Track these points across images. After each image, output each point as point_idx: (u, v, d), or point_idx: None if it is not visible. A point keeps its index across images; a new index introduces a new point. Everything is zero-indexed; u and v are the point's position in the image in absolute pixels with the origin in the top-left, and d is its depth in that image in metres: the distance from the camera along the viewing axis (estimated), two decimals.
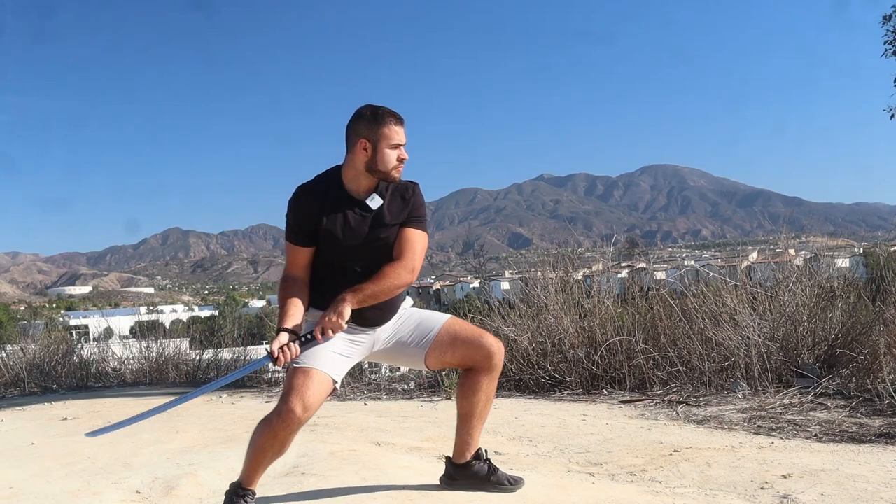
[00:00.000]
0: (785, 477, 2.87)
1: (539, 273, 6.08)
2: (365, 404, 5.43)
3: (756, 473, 2.95)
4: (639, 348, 5.16)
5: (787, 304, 5.05)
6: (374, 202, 2.49)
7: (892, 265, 5.37)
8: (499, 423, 4.17)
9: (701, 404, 4.46)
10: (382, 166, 2.46)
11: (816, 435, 3.59)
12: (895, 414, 3.84)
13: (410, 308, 2.70)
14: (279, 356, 2.34)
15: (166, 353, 7.85)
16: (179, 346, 8.02)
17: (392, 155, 2.46)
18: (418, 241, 2.52)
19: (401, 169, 2.51)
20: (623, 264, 8.30)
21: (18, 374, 7.93)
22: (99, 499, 2.97)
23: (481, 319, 6.06)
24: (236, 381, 6.95)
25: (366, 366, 6.90)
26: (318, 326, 2.38)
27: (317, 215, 2.44)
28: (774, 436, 3.64)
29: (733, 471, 3.00)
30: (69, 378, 7.85)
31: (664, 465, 3.14)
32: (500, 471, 2.77)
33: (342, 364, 2.49)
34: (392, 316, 2.61)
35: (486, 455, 2.78)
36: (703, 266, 7.72)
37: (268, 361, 2.40)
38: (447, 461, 2.82)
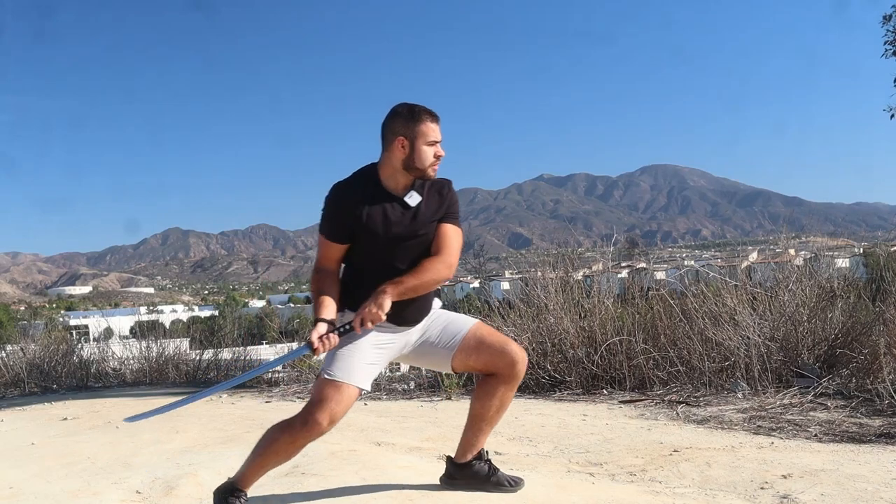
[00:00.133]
0: (785, 477, 2.88)
1: (539, 273, 6.08)
2: (365, 404, 5.43)
3: (756, 473, 2.95)
4: (639, 348, 5.16)
5: (787, 304, 5.06)
6: (413, 199, 2.50)
7: (892, 265, 5.37)
8: (499, 423, 4.16)
9: (701, 404, 4.46)
10: (420, 163, 2.47)
11: (816, 435, 3.59)
12: (895, 414, 3.84)
13: (439, 309, 2.71)
14: (318, 346, 2.36)
15: (166, 354, 7.85)
16: (179, 347, 8.03)
17: (429, 152, 2.47)
18: (456, 237, 2.55)
19: (437, 166, 2.52)
20: (623, 264, 8.29)
21: (18, 374, 7.93)
22: (99, 499, 2.97)
23: (481, 319, 6.05)
24: None
25: None
26: (358, 317, 2.40)
27: (356, 213, 2.45)
28: (774, 436, 3.64)
29: (733, 471, 3.00)
30: (69, 378, 7.85)
31: (664, 465, 3.14)
32: (501, 471, 2.77)
33: (371, 374, 2.51)
34: (426, 315, 2.62)
35: (487, 456, 2.78)
36: (703, 266, 7.72)
37: (307, 350, 2.42)
38: (448, 460, 2.82)
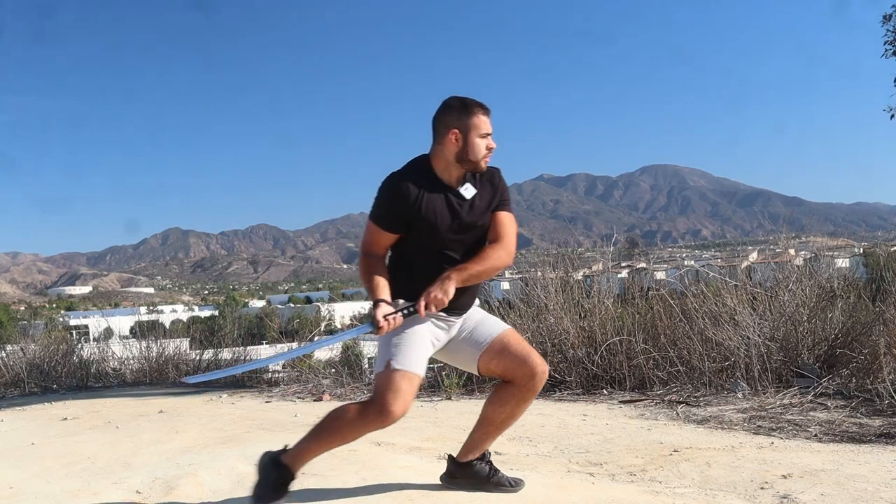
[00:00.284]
0: (785, 477, 2.88)
1: (539, 273, 6.08)
2: None
3: (756, 473, 2.95)
4: (639, 348, 5.16)
5: (787, 304, 5.05)
6: (468, 192, 2.54)
7: (892, 265, 5.37)
8: None
9: (701, 404, 4.46)
10: (473, 156, 2.50)
11: (816, 435, 3.59)
12: (895, 414, 3.84)
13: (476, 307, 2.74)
14: (384, 324, 2.37)
15: (166, 353, 7.85)
16: (179, 346, 8.02)
17: (482, 144, 2.50)
18: (512, 224, 2.59)
19: (489, 158, 2.56)
20: (623, 264, 8.29)
21: (18, 374, 7.93)
22: (99, 499, 2.97)
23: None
24: (236, 382, 6.97)
25: (365, 365, 6.90)
26: (423, 301, 2.41)
27: (414, 204, 2.47)
28: (774, 436, 3.64)
29: (733, 471, 3.00)
30: (69, 378, 7.85)
31: (664, 465, 3.14)
32: (501, 472, 2.77)
33: (426, 363, 2.56)
34: (471, 306, 2.66)
35: (489, 456, 2.78)
36: (703, 266, 7.72)
37: (370, 329, 2.43)
38: (449, 458, 2.81)
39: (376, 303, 2.43)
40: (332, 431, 2.44)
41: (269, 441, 3.78)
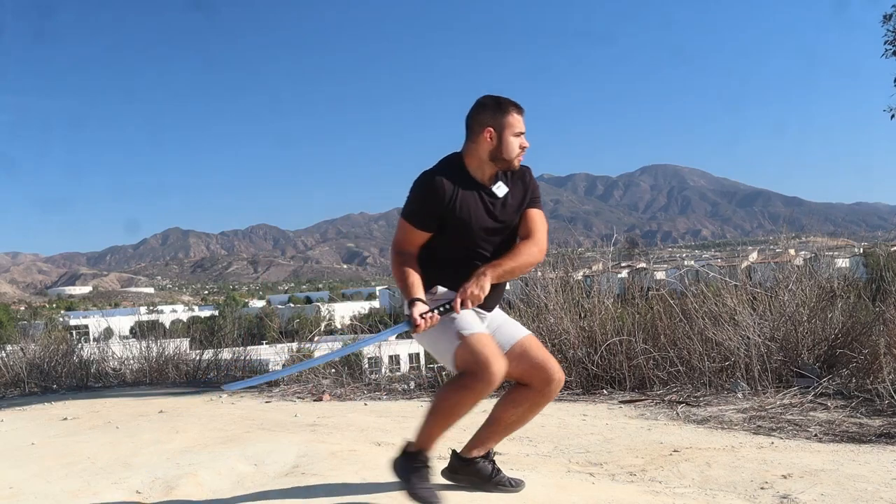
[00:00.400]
0: (785, 477, 2.88)
1: (539, 273, 6.08)
2: (365, 404, 5.43)
3: (756, 473, 2.95)
4: (639, 348, 5.16)
5: (787, 304, 5.06)
6: (501, 190, 2.56)
7: (892, 265, 5.38)
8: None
9: (701, 404, 4.46)
10: (507, 154, 2.52)
11: (816, 435, 3.59)
12: (895, 414, 3.84)
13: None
14: (420, 323, 2.37)
15: (166, 353, 7.84)
16: (179, 346, 8.02)
17: (515, 143, 2.52)
18: (543, 222, 2.62)
19: (522, 157, 2.57)
20: (623, 264, 8.29)
21: (18, 374, 7.93)
22: (99, 499, 2.97)
23: None
24: (236, 382, 6.96)
25: (365, 365, 6.90)
26: (458, 298, 2.42)
27: (449, 203, 2.48)
28: (774, 436, 3.64)
29: (733, 471, 3.00)
30: (69, 378, 7.85)
31: (664, 465, 3.14)
32: (503, 473, 2.76)
33: None
34: (499, 302, 2.68)
35: (493, 456, 2.77)
36: (703, 266, 7.72)
37: (407, 328, 2.43)
38: (453, 453, 2.79)
39: (412, 301, 2.43)
40: (453, 406, 2.42)
41: (270, 441, 3.78)
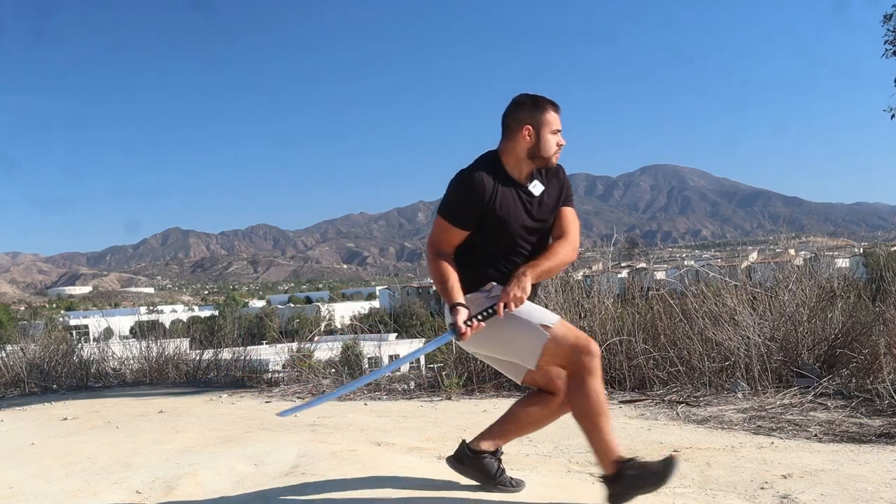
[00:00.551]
0: (785, 477, 2.88)
1: None
2: (365, 404, 5.43)
3: (756, 473, 2.95)
4: (639, 348, 5.16)
5: (787, 304, 5.06)
6: (537, 188, 2.56)
7: (892, 265, 5.38)
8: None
9: (701, 404, 4.46)
10: (545, 152, 2.52)
11: (816, 435, 3.59)
12: (895, 414, 3.84)
13: None
14: (466, 330, 2.36)
15: (166, 353, 7.84)
16: (179, 346, 8.02)
17: (553, 140, 2.53)
18: (576, 220, 2.64)
19: (559, 154, 2.57)
20: (623, 264, 8.29)
21: (18, 374, 7.93)
22: (99, 499, 2.97)
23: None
24: (236, 382, 6.97)
25: (365, 365, 6.90)
26: (502, 301, 2.41)
27: (488, 201, 2.47)
28: (774, 436, 3.64)
29: (733, 471, 3.00)
30: (69, 378, 7.85)
31: None
32: (507, 474, 2.75)
33: None
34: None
35: (501, 454, 2.76)
36: (703, 266, 7.72)
37: (452, 336, 2.40)
38: (462, 443, 2.77)
39: (453, 307, 2.41)
40: (596, 409, 2.39)
41: (270, 441, 3.78)
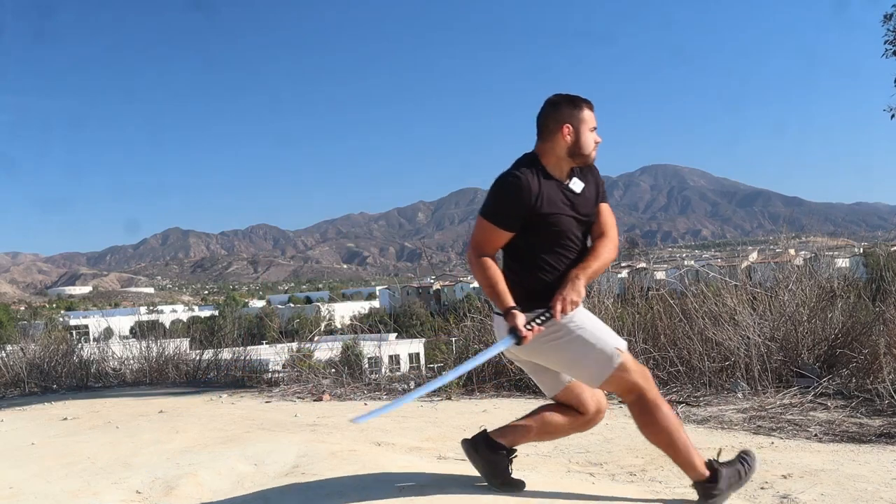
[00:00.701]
0: (785, 477, 2.88)
1: None
2: (365, 404, 5.43)
3: (756, 473, 2.94)
4: (639, 348, 5.16)
5: (787, 304, 5.06)
6: (577, 186, 2.57)
7: (892, 265, 5.38)
8: (499, 423, 4.16)
9: (701, 404, 4.46)
10: (585, 149, 2.53)
11: (816, 435, 3.59)
12: (895, 414, 3.84)
13: None
14: (527, 335, 2.37)
15: (166, 353, 7.85)
16: (179, 346, 8.02)
17: (591, 138, 2.54)
18: (612, 217, 2.66)
19: (596, 152, 2.58)
20: (623, 264, 8.30)
21: (18, 374, 7.93)
22: (99, 499, 2.97)
23: (481, 320, 6.06)
24: (236, 382, 6.98)
25: (365, 365, 6.90)
26: (558, 305, 2.41)
27: (534, 202, 2.47)
28: (774, 436, 3.64)
29: None
30: (69, 378, 7.85)
31: (664, 465, 3.13)
32: (513, 475, 2.74)
33: None
34: None
35: (514, 456, 2.75)
36: (703, 266, 7.72)
37: (513, 341, 2.40)
38: (483, 432, 2.77)
39: (508, 311, 2.41)
40: (674, 433, 2.49)
41: (270, 441, 3.78)
